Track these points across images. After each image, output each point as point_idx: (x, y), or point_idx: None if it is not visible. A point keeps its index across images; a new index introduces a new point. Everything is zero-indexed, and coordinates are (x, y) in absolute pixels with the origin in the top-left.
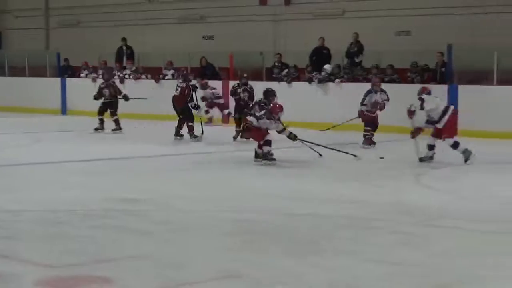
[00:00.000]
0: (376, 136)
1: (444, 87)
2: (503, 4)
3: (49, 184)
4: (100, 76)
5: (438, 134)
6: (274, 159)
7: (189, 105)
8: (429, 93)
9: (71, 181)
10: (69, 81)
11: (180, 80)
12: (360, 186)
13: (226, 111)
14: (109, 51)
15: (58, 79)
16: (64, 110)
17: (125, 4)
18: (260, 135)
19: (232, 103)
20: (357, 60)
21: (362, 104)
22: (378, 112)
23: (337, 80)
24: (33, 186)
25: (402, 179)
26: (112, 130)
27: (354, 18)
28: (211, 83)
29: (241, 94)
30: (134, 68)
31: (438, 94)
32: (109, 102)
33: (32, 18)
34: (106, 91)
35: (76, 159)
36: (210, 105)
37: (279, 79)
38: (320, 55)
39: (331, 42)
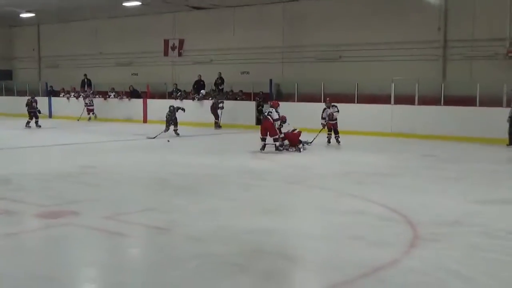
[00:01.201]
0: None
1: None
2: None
3: (43, 159)
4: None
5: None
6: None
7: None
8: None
9: (56, 156)
10: (54, 99)
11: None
12: (219, 158)
13: None
14: (77, 81)
15: (46, 98)
16: (50, 115)
17: (87, 54)
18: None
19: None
20: (220, 87)
21: (322, 118)
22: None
23: (210, 99)
24: (33, 160)
25: (245, 155)
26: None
27: (219, 64)
28: (135, 101)
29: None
30: (92, 91)
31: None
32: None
33: (30, 61)
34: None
35: (60, 143)
36: None
37: (175, 98)
38: (199, 84)
39: (205, 77)
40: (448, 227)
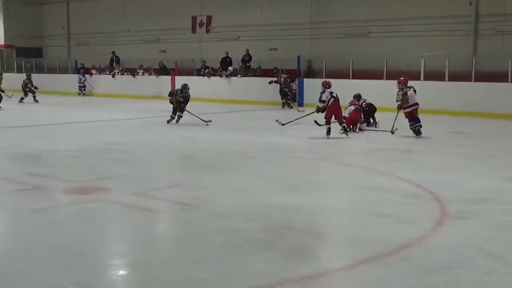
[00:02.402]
0: None
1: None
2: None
3: (74, 135)
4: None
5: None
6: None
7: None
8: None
9: (86, 133)
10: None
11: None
12: (246, 135)
13: None
14: (106, 59)
15: (76, 75)
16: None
17: (116, 32)
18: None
19: None
20: (248, 64)
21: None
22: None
23: (238, 75)
24: (63, 137)
25: (272, 131)
26: None
27: (246, 40)
28: (163, 78)
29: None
30: (120, 68)
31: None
32: None
33: (60, 39)
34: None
35: (90, 120)
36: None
37: (203, 75)
38: (226, 61)
39: (232, 54)
40: (476, 204)
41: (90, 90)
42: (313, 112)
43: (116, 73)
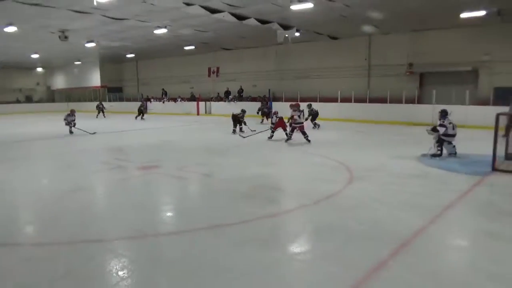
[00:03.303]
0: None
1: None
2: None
3: (140, 137)
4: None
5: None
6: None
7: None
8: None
9: (147, 135)
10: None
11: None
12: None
13: None
14: (159, 93)
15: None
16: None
17: (164, 76)
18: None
19: None
20: (241, 95)
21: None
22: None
23: (235, 101)
24: (134, 137)
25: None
26: None
27: (239, 81)
28: (193, 103)
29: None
30: (167, 98)
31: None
32: None
33: (133, 81)
34: None
35: (149, 128)
36: None
37: (224, 101)
38: (227, 93)
39: (231, 88)
40: (370, 171)
41: (150, 110)
42: (268, 129)
43: (164, 101)
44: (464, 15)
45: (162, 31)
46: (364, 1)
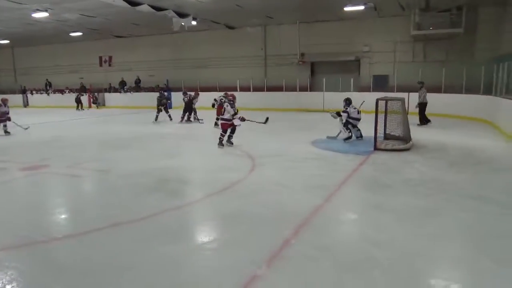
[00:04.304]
0: None
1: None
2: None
3: (17, 132)
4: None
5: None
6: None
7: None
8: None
9: (27, 130)
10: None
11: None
12: (138, 127)
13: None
14: (42, 84)
15: (21, 95)
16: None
17: (49, 66)
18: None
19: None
20: (138, 85)
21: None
22: None
23: (132, 92)
24: (10, 136)
25: (155, 124)
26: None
27: (136, 70)
28: (83, 95)
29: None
30: (52, 89)
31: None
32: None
33: (8, 71)
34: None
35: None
36: None
37: (110, 91)
38: (123, 83)
39: (127, 79)
40: (271, 157)
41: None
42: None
43: (50, 93)
44: (347, 8)
45: (43, 14)
46: None
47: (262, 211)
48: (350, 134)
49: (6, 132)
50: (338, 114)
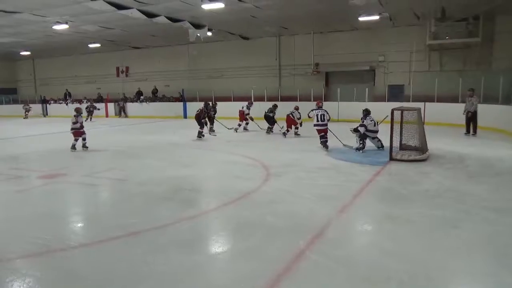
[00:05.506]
0: None
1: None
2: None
3: (39, 141)
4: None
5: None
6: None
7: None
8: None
9: (48, 139)
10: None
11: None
12: (155, 136)
13: None
14: (62, 94)
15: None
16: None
17: (67, 76)
18: None
19: None
20: (156, 95)
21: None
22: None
23: (147, 102)
24: (31, 144)
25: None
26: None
27: (152, 81)
28: (100, 104)
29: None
30: (71, 99)
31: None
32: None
33: (28, 82)
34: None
35: (51, 132)
36: None
37: (126, 102)
38: (139, 93)
39: (143, 89)
40: (285, 167)
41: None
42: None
43: (68, 103)
44: (362, 18)
45: (63, 26)
46: (272, 3)
47: (276, 221)
48: (362, 145)
49: (84, 146)
50: (356, 130)
